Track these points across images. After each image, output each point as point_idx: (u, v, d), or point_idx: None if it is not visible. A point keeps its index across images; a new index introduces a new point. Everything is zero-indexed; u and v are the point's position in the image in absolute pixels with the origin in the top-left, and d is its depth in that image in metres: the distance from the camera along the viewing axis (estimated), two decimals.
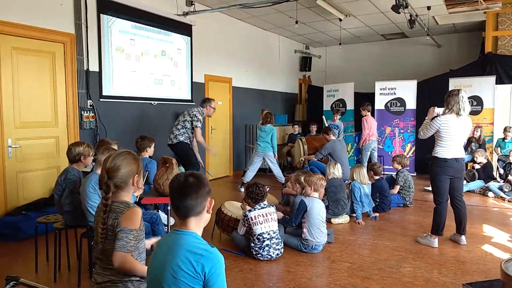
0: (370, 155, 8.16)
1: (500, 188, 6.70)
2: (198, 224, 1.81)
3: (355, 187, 5.39)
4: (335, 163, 5.71)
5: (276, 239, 3.97)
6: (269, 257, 3.91)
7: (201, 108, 6.20)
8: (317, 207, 4.22)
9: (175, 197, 1.78)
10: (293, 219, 4.38)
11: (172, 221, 4.37)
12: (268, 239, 3.90)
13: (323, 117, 9.65)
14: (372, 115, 8.49)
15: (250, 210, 3.98)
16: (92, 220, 3.09)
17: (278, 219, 4.20)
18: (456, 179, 4.23)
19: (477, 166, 7.19)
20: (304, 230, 4.17)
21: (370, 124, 8.07)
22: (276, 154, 7.39)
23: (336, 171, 5.53)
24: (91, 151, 3.70)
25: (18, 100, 5.00)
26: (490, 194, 6.74)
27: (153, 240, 2.72)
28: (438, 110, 4.33)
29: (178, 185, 1.79)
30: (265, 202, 4.13)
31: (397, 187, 6.11)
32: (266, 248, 3.89)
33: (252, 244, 3.92)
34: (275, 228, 3.98)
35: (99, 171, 3.25)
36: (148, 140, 4.88)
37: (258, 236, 3.89)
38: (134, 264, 2.01)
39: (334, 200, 5.22)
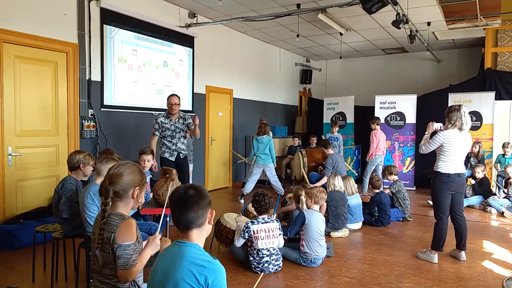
0: (375, 169, 8.09)
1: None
2: (200, 235, 1.80)
3: None
4: (335, 174, 5.70)
5: (276, 255, 3.93)
6: (268, 272, 3.87)
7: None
8: (316, 219, 4.19)
9: (176, 210, 1.77)
10: (289, 229, 4.35)
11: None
12: (267, 255, 3.86)
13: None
14: None
15: (252, 222, 3.91)
16: (90, 230, 3.08)
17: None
18: (457, 194, 4.23)
19: (472, 182, 7.18)
20: (303, 242, 4.14)
21: (379, 139, 7.96)
22: (275, 164, 7.38)
23: (337, 182, 5.51)
24: (91, 160, 3.70)
25: (19, 108, 5.02)
26: (493, 210, 6.68)
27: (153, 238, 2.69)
28: (437, 126, 4.34)
29: (178, 198, 1.78)
30: (269, 216, 4.06)
31: (387, 191, 6.13)
32: (266, 264, 3.86)
33: (251, 258, 3.88)
34: (275, 245, 3.92)
35: (98, 181, 3.26)
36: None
37: (258, 252, 3.85)
38: (137, 270, 2.03)
39: (335, 214, 5.20)
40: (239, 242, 3.97)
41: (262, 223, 3.92)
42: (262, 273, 2.66)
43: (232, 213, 4.90)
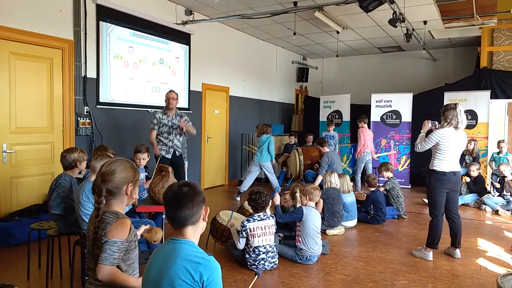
0: (365, 167, 8.17)
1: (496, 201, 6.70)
2: (194, 233, 1.80)
3: None
4: (332, 171, 5.72)
5: (272, 252, 3.94)
6: (264, 269, 3.88)
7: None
8: (313, 216, 4.20)
9: (171, 207, 1.77)
10: (283, 215, 4.35)
11: None
12: (264, 252, 3.87)
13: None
14: (368, 127, 8.53)
15: (248, 220, 3.91)
16: (85, 227, 3.07)
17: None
18: (453, 192, 4.25)
19: (467, 179, 7.22)
20: (299, 239, 4.15)
21: (366, 137, 8.09)
22: (274, 160, 7.41)
23: (333, 179, 5.53)
24: (85, 156, 3.72)
25: (14, 105, 4.98)
26: (488, 208, 6.73)
27: (142, 229, 2.69)
28: (432, 124, 4.36)
29: (172, 196, 1.77)
30: (265, 213, 4.06)
31: (381, 189, 6.17)
32: (262, 262, 3.86)
33: (247, 256, 3.89)
34: (271, 242, 3.94)
35: (93, 178, 3.25)
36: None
37: (254, 249, 3.85)
38: (121, 277, 1.96)
39: (331, 212, 5.21)
40: (241, 244, 3.93)
41: (258, 220, 3.93)
42: (257, 276, 2.68)
43: (228, 211, 4.90)
